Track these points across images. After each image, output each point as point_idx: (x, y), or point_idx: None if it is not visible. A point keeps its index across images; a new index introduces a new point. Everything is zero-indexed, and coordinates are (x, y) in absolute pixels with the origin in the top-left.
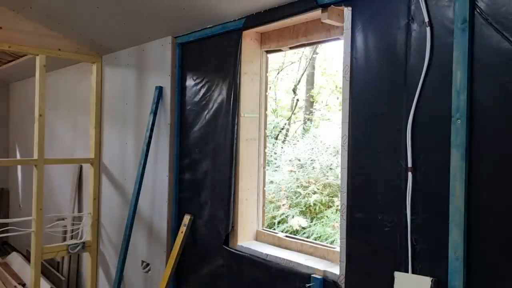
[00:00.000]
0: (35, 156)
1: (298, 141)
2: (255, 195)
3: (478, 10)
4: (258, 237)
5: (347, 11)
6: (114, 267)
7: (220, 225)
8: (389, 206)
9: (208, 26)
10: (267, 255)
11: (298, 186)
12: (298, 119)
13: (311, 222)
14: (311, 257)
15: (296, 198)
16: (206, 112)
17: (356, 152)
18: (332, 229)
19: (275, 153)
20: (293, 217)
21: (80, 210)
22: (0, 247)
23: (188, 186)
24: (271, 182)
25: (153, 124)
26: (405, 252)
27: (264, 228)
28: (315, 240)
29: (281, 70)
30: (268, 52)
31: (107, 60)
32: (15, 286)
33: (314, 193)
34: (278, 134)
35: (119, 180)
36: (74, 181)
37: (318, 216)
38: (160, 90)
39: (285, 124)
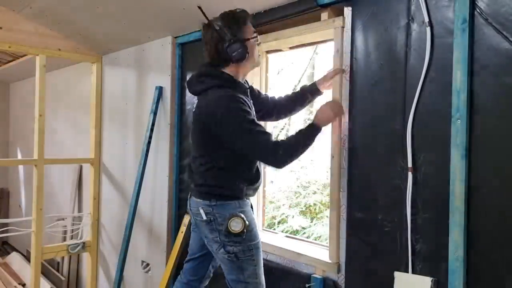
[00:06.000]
0: (35, 156)
1: None
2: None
3: (478, 10)
4: None
5: (347, 11)
6: (114, 267)
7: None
8: (389, 206)
9: None
10: (267, 255)
11: (298, 186)
12: (298, 119)
13: (311, 222)
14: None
15: (296, 198)
16: None
17: (356, 152)
18: None
19: None
20: (293, 217)
21: (80, 210)
22: (0, 247)
23: (188, 186)
24: (271, 182)
25: (153, 124)
26: (405, 252)
27: (264, 228)
28: (315, 240)
29: (281, 70)
30: (268, 52)
31: (107, 60)
32: (15, 286)
33: (314, 193)
34: (278, 134)
35: (119, 180)
36: (74, 181)
37: (318, 216)
38: (160, 90)
39: (285, 124)
